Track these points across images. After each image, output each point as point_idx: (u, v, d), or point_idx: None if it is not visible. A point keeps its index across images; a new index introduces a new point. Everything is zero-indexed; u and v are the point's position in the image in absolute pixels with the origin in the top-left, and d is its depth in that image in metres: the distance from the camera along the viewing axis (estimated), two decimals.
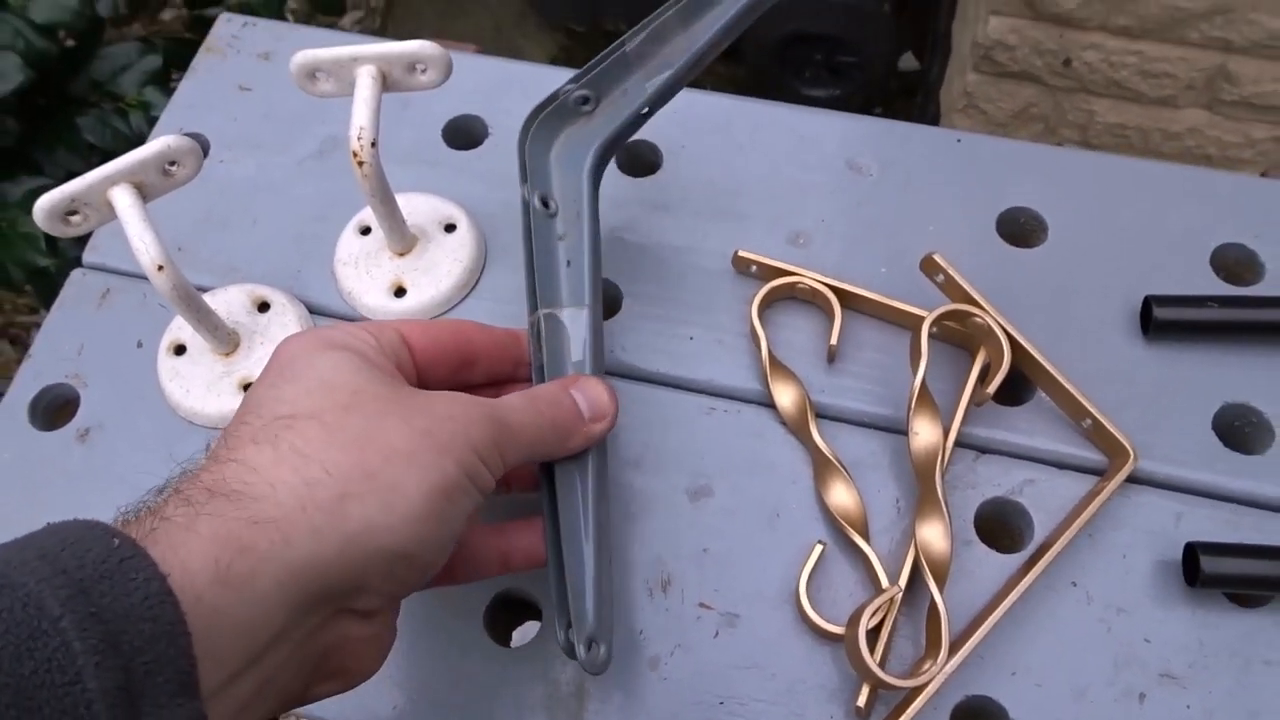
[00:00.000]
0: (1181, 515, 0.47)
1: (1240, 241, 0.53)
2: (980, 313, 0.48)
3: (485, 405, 0.37)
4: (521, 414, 0.38)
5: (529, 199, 0.48)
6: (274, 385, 0.36)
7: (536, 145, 0.49)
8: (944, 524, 0.45)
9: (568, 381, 0.42)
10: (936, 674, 0.41)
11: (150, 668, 0.27)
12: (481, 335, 0.43)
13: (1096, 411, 0.47)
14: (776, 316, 0.52)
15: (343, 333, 0.38)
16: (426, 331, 0.41)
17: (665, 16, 0.48)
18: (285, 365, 0.36)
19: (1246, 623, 0.44)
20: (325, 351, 0.36)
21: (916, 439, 0.47)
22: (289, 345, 0.37)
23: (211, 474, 0.32)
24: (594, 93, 0.49)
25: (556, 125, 0.50)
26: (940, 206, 0.55)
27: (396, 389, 0.36)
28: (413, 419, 0.35)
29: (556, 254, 0.48)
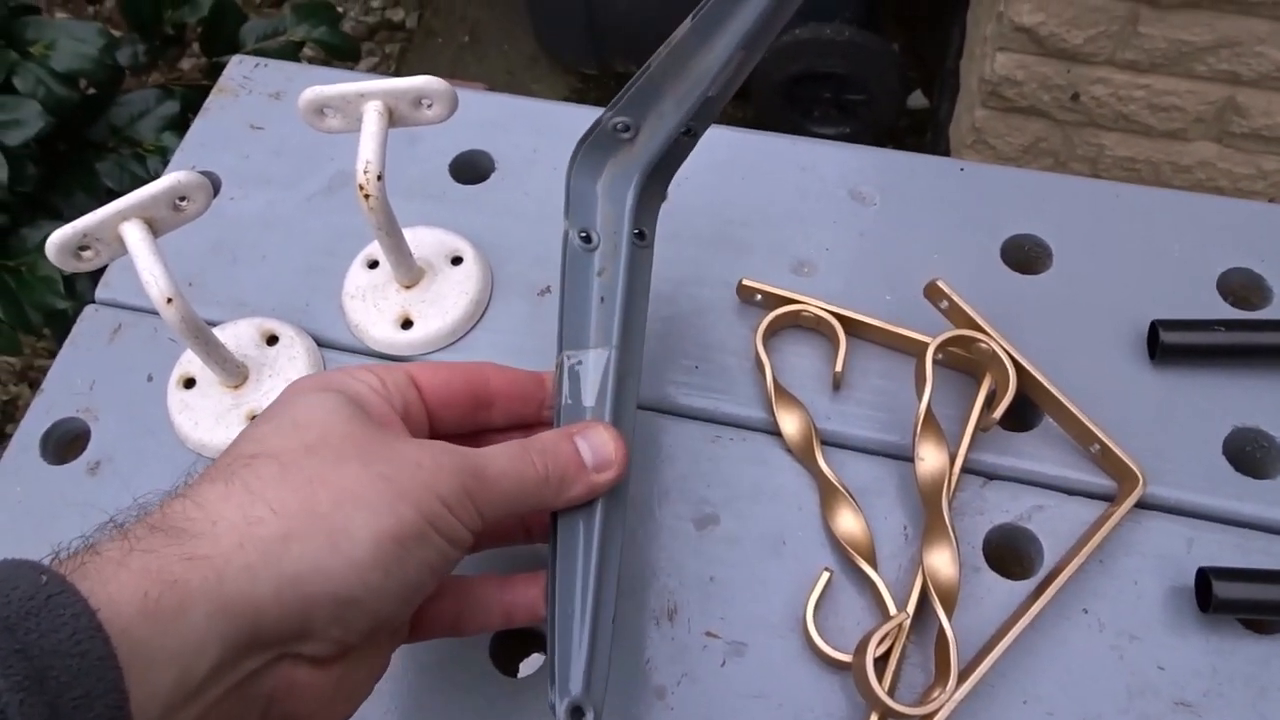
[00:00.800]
0: (1193, 540, 0.46)
1: (1247, 266, 0.53)
2: (985, 338, 0.48)
3: (460, 455, 0.36)
4: (505, 463, 0.37)
5: (569, 232, 0.48)
6: (256, 424, 0.36)
7: (581, 178, 0.48)
8: (951, 550, 0.44)
9: (572, 429, 0.39)
10: (946, 701, 0.41)
11: (79, 703, 0.26)
12: (500, 377, 0.42)
13: (1104, 436, 0.46)
14: (781, 344, 0.52)
15: (346, 373, 0.38)
16: (437, 373, 0.40)
17: (681, 36, 0.47)
18: (275, 405, 0.37)
19: (1261, 649, 0.43)
20: (314, 392, 0.36)
21: (923, 464, 0.46)
22: (291, 385, 0.38)
23: (161, 510, 0.32)
24: (632, 119, 0.48)
25: (601, 157, 0.48)
26: (944, 235, 0.55)
27: (371, 433, 0.35)
28: (373, 463, 0.33)
29: (591, 290, 0.46)
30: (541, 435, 0.39)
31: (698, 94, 0.47)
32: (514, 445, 0.38)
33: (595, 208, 0.49)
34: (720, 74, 0.47)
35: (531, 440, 0.38)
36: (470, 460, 0.36)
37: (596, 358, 0.44)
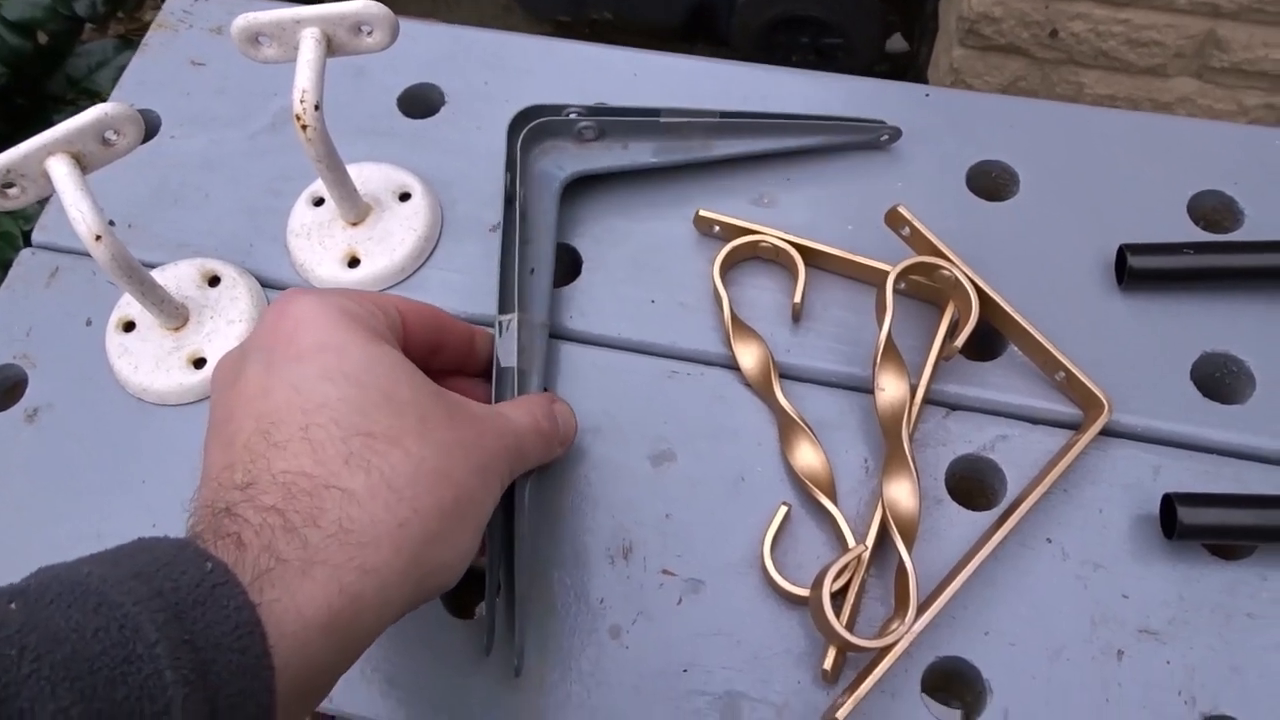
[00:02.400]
0: (1160, 468, 0.45)
1: (1218, 189, 0.51)
2: (947, 265, 0.46)
3: (511, 434, 0.38)
4: (532, 438, 0.40)
5: (514, 191, 0.48)
6: (326, 376, 0.33)
7: (525, 145, 0.50)
8: (912, 482, 0.43)
9: (551, 397, 0.44)
10: (904, 634, 0.40)
11: (234, 701, 0.26)
12: (451, 325, 0.42)
13: (1069, 363, 0.45)
14: (740, 277, 0.51)
15: (359, 306, 0.36)
16: (419, 314, 0.40)
17: (707, 121, 0.52)
18: (322, 348, 0.34)
19: (1227, 575, 0.43)
20: (366, 343, 0.34)
21: (883, 395, 0.45)
22: (309, 314, 0.35)
23: (312, 500, 0.30)
24: (601, 132, 0.51)
25: (548, 135, 0.51)
26: (908, 162, 0.54)
27: (447, 406, 0.35)
28: (471, 453, 0.35)
29: (525, 258, 0.49)
30: (537, 398, 0.43)
31: (673, 158, 0.52)
32: (528, 415, 0.40)
33: (528, 179, 0.49)
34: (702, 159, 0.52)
35: (535, 404, 0.41)
36: (519, 440, 0.38)
37: (518, 321, 0.46)
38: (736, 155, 0.52)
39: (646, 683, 0.42)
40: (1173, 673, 0.41)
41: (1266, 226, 0.50)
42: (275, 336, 0.34)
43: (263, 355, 0.34)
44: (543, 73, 0.58)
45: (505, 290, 0.47)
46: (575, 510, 0.45)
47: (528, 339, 0.46)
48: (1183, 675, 0.41)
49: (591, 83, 0.57)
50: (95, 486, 0.47)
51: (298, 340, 0.34)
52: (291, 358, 0.33)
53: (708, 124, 0.51)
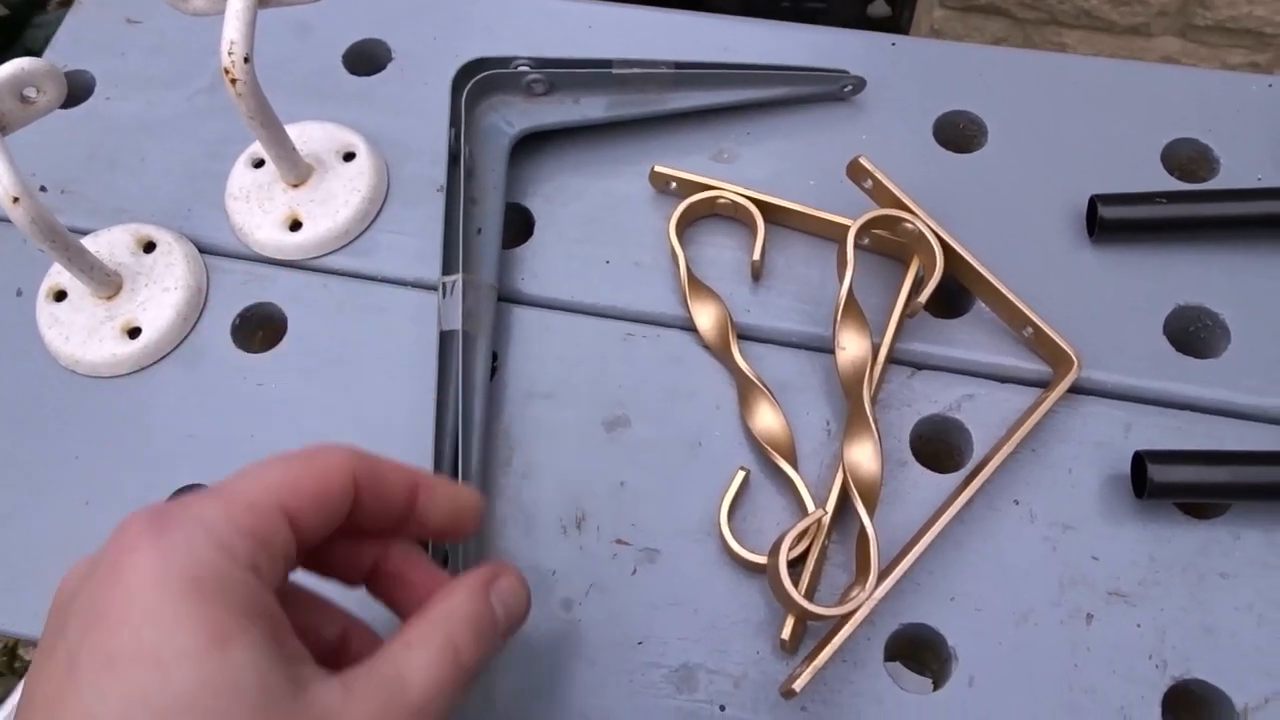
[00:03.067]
0: (1131, 425, 0.43)
1: (1192, 137, 0.50)
2: (910, 218, 0.44)
3: (398, 709, 0.27)
4: (448, 694, 0.28)
5: (458, 148, 0.46)
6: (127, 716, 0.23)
7: (470, 100, 0.48)
8: (873, 444, 0.41)
9: (485, 582, 0.31)
10: (865, 600, 0.38)
11: None
12: (368, 482, 0.30)
13: (1037, 318, 0.43)
14: (698, 235, 0.49)
15: (221, 561, 0.25)
16: (316, 501, 0.28)
17: (662, 72, 0.49)
18: (138, 659, 0.24)
19: (1200, 535, 0.41)
20: (203, 657, 0.24)
21: (844, 354, 0.43)
22: (144, 584, 0.25)
23: None
24: (551, 85, 0.49)
25: (495, 89, 0.49)
26: (873, 114, 0.52)
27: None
28: None
29: (472, 218, 0.46)
30: (461, 609, 0.30)
31: (628, 111, 0.50)
32: (443, 646, 0.29)
33: (473, 136, 0.47)
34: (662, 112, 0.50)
35: (454, 621, 0.30)
36: (409, 709, 0.27)
37: (463, 282, 0.44)
38: (694, 109, 0.50)
39: (600, 656, 0.41)
40: (1143, 635, 0.40)
41: (1242, 174, 0.48)
42: (93, 611, 0.25)
43: (78, 628, 0.25)
44: (495, 26, 0.56)
45: (449, 250, 0.45)
46: (526, 480, 0.44)
47: (474, 302, 0.44)
48: (1153, 638, 0.39)
49: (545, 36, 0.55)
50: (26, 462, 0.45)
51: (115, 632, 0.24)
52: (99, 663, 0.24)
53: (663, 76, 0.49)
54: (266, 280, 0.49)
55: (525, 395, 0.46)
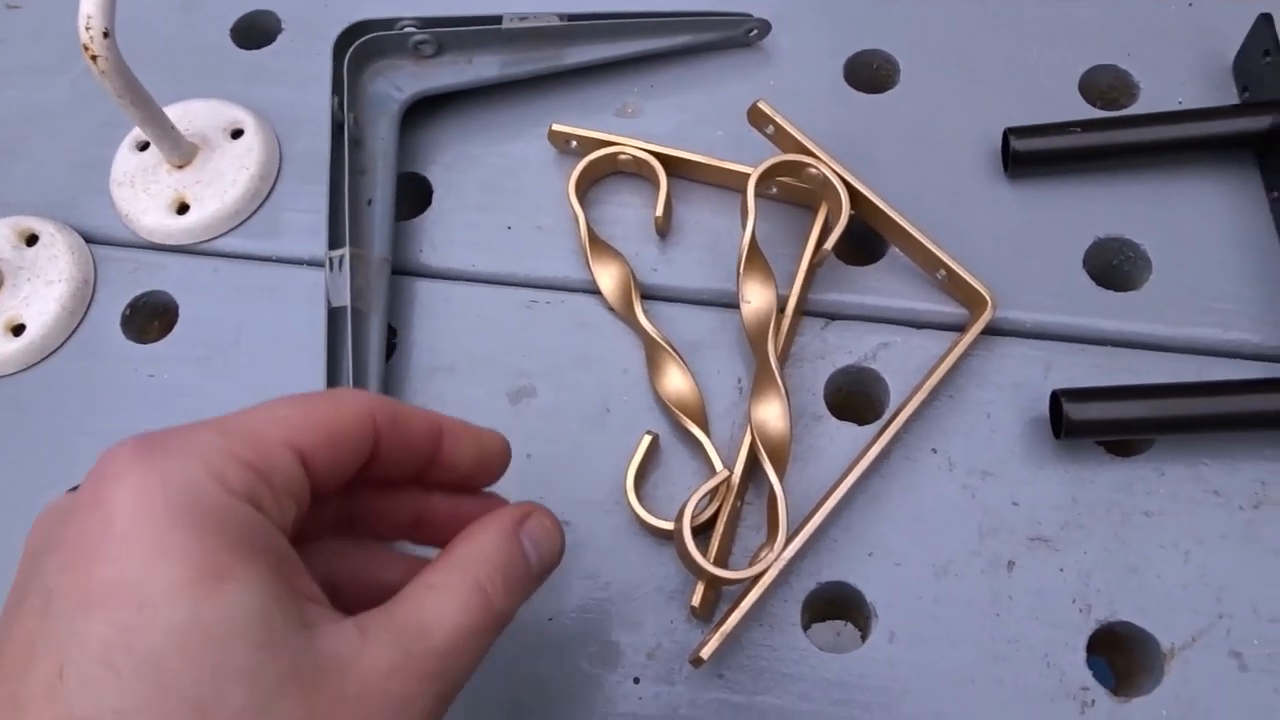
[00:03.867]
0: (1051, 364, 0.42)
1: (1111, 63, 0.48)
2: (814, 162, 0.42)
3: (432, 687, 0.24)
4: (476, 643, 0.26)
5: (342, 116, 0.44)
6: (107, 659, 0.20)
7: (353, 65, 0.46)
8: (781, 400, 0.40)
9: (515, 523, 0.29)
10: (773, 561, 0.37)
11: None
12: (390, 426, 0.28)
13: (950, 260, 0.42)
14: (602, 194, 0.47)
15: (216, 487, 0.23)
16: (330, 441, 0.26)
17: (554, 25, 0.47)
18: (116, 591, 0.21)
19: (1123, 473, 0.40)
20: (193, 592, 0.21)
21: (748, 308, 0.42)
22: (128, 506, 0.22)
23: None
24: (440, 46, 0.47)
25: (381, 53, 0.47)
26: (781, 59, 0.50)
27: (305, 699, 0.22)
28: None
29: (359, 189, 0.45)
30: (489, 550, 0.28)
31: (523, 69, 0.48)
32: (471, 591, 0.26)
33: (358, 102, 0.45)
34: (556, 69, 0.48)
35: (483, 565, 0.27)
36: (441, 676, 0.25)
37: (350, 257, 0.42)
38: (593, 63, 0.48)
39: (509, 636, 0.39)
40: (1066, 580, 0.38)
41: (1163, 98, 0.47)
42: (76, 535, 0.22)
43: (53, 566, 0.22)
44: None
45: (335, 224, 0.43)
46: None
47: (364, 277, 0.43)
48: (1077, 582, 0.38)
49: None
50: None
51: (95, 564, 0.21)
52: (75, 601, 0.21)
53: (556, 29, 0.47)
54: (156, 267, 0.47)
55: (427, 371, 0.44)
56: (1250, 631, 0.37)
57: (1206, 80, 0.47)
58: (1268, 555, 0.38)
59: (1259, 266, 0.43)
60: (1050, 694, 0.37)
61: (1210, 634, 0.37)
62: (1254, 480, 0.39)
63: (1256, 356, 0.41)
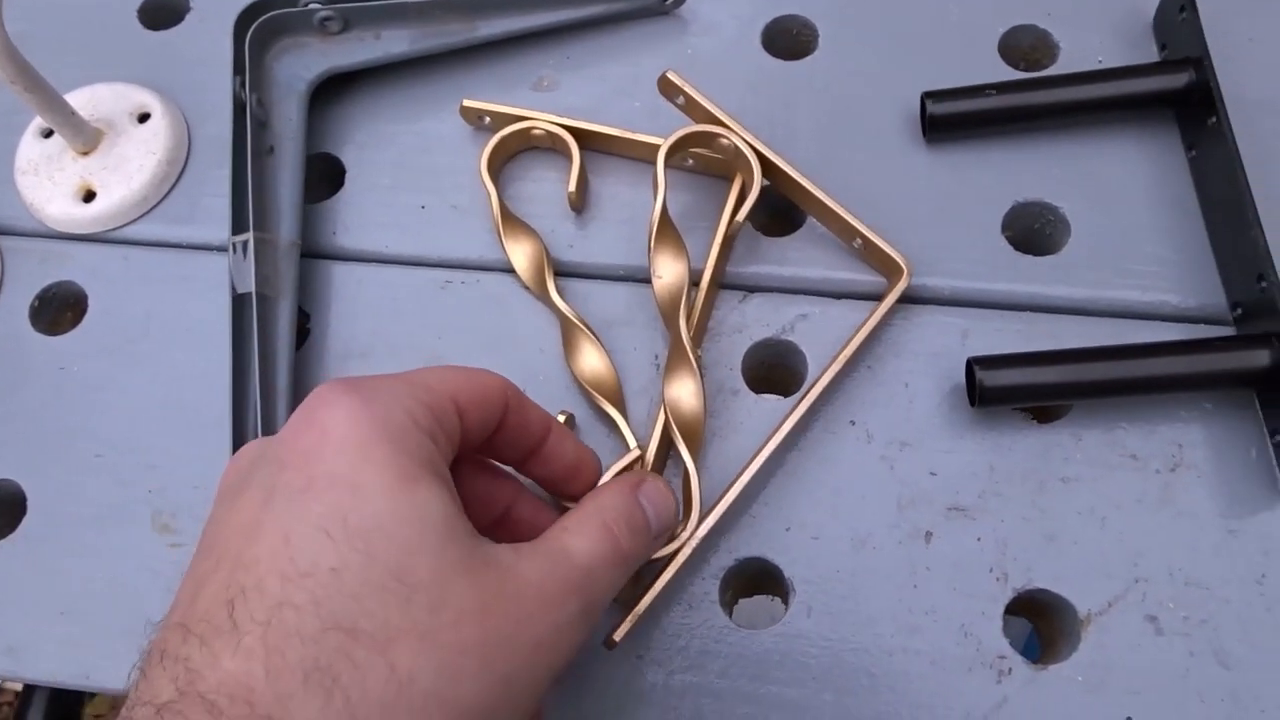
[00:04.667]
0: (969, 331, 0.41)
1: (1031, 22, 0.47)
2: (725, 132, 0.42)
3: (573, 590, 0.28)
4: (605, 573, 0.30)
5: (244, 97, 0.43)
6: (326, 528, 0.25)
7: (255, 44, 0.45)
8: (692, 375, 0.39)
9: (635, 484, 0.33)
10: (687, 539, 0.37)
11: None
12: (514, 415, 0.32)
13: (865, 228, 0.41)
14: (518, 170, 0.46)
15: (408, 417, 0.27)
16: (481, 405, 0.31)
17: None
18: (334, 483, 0.26)
19: (1042, 439, 0.39)
20: (396, 485, 0.26)
21: (660, 282, 0.41)
22: (339, 424, 0.26)
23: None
24: (346, 22, 0.46)
25: (286, 31, 0.46)
26: (698, 27, 0.49)
27: (477, 582, 0.26)
28: (498, 657, 0.26)
29: (264, 172, 0.44)
30: (612, 502, 0.32)
31: (432, 44, 0.47)
32: (606, 518, 0.31)
33: (263, 81, 0.44)
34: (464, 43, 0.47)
35: (608, 512, 0.31)
36: (577, 574, 0.29)
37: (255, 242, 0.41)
38: (506, 35, 0.47)
39: None
40: (984, 549, 0.38)
41: (1083, 58, 0.46)
42: (292, 448, 0.27)
43: (269, 473, 0.27)
44: None
45: (238, 208, 0.42)
46: None
47: (271, 262, 0.42)
48: (994, 551, 0.38)
49: None
50: None
51: (312, 463, 0.26)
52: (297, 488, 0.26)
53: (466, 1, 0.46)
54: (64, 257, 0.46)
55: (341, 356, 0.43)
56: (1166, 595, 0.37)
57: (1127, 38, 0.46)
58: (1183, 518, 0.38)
59: (1178, 226, 0.42)
60: (967, 664, 0.37)
61: (1126, 599, 0.37)
62: (1170, 443, 0.39)
63: (1175, 318, 0.41)
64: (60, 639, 0.40)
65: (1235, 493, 0.38)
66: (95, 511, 0.41)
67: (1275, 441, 0.38)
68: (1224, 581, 0.37)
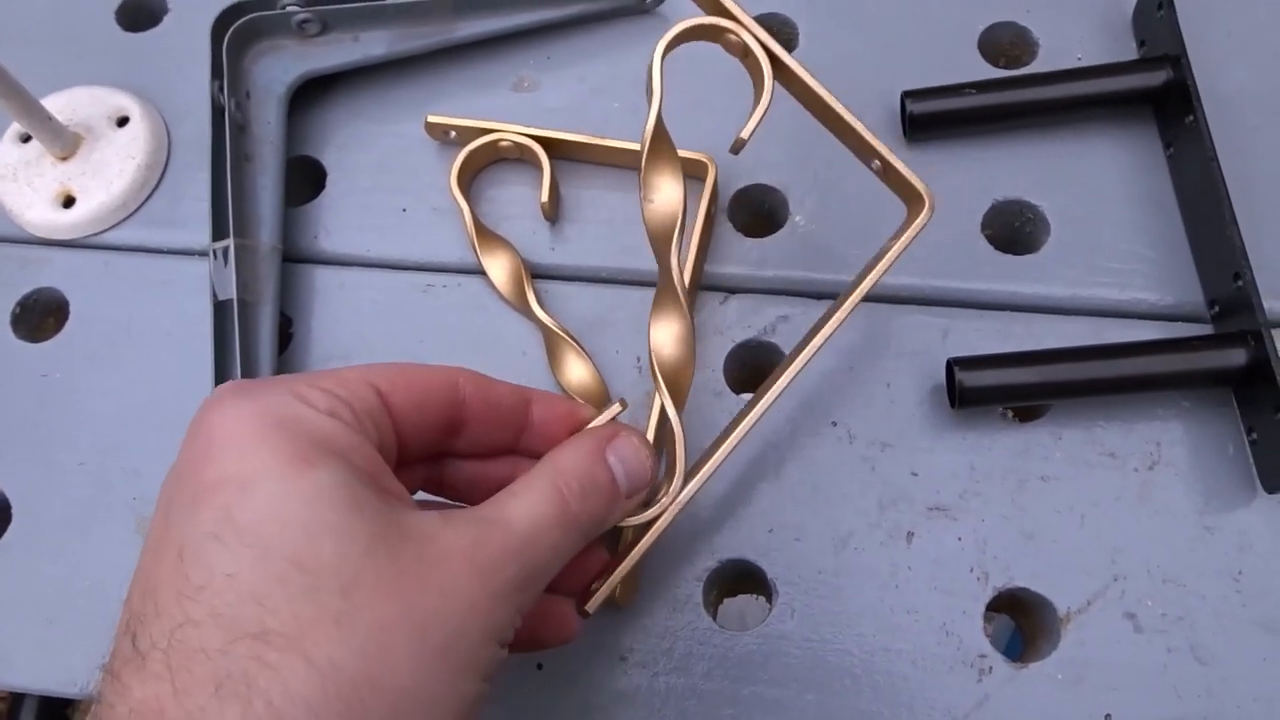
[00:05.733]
0: (949, 331, 0.42)
1: (1010, 19, 0.47)
2: (735, 27, 0.37)
3: (509, 556, 0.27)
4: (553, 536, 0.28)
5: (222, 101, 0.43)
6: (217, 534, 0.24)
7: (233, 48, 0.45)
8: (682, 319, 0.36)
9: (601, 441, 0.31)
10: (670, 504, 0.34)
11: None
12: (478, 396, 0.31)
13: (884, 149, 0.36)
14: (495, 177, 0.46)
15: (297, 404, 0.26)
16: (412, 393, 0.29)
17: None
18: (223, 484, 0.25)
19: (1021, 439, 0.40)
20: (284, 472, 0.25)
21: (651, 206, 0.36)
22: (225, 425, 0.26)
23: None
24: (325, 25, 0.46)
25: (264, 34, 0.46)
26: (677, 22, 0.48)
27: (393, 553, 0.25)
28: (426, 630, 0.24)
29: (246, 176, 0.44)
30: (569, 461, 0.30)
31: (413, 45, 0.46)
32: (550, 498, 0.29)
33: (242, 85, 0.44)
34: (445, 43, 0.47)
35: (561, 473, 0.29)
36: (513, 540, 0.27)
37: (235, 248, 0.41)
38: (485, 35, 0.47)
39: None
40: (964, 549, 0.38)
41: (1062, 55, 0.46)
42: (184, 460, 0.26)
43: (168, 491, 0.26)
44: None
45: (218, 214, 0.42)
46: None
47: (251, 268, 0.42)
48: (974, 550, 0.38)
49: None
50: None
51: (201, 469, 0.25)
52: (189, 499, 0.25)
53: (445, 2, 0.46)
54: (44, 263, 0.46)
55: (324, 359, 0.43)
56: (1144, 592, 0.37)
57: (1106, 34, 0.46)
58: (1161, 516, 0.38)
59: (1156, 224, 0.42)
60: (948, 663, 0.37)
61: (1105, 596, 0.37)
62: (1148, 441, 0.39)
63: (1153, 316, 0.41)
64: (47, 646, 0.40)
65: (1212, 490, 0.38)
66: (79, 517, 0.41)
67: (1252, 439, 0.38)
68: (1201, 578, 0.37)
